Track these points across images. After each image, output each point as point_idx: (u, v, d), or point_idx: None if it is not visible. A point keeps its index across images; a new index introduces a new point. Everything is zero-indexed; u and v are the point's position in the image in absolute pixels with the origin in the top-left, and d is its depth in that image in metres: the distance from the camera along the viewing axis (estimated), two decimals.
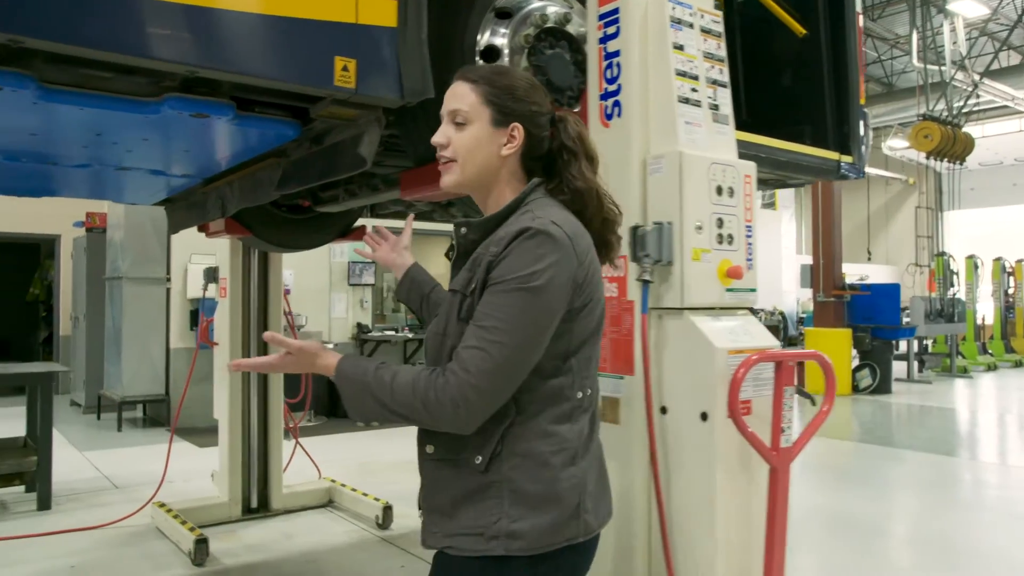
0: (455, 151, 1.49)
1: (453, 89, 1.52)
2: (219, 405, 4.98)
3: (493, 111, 1.48)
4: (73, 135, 2.46)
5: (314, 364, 1.47)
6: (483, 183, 1.51)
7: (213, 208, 3.65)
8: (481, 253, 1.42)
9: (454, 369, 1.33)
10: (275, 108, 2.39)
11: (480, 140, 1.47)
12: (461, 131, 1.49)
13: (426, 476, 1.49)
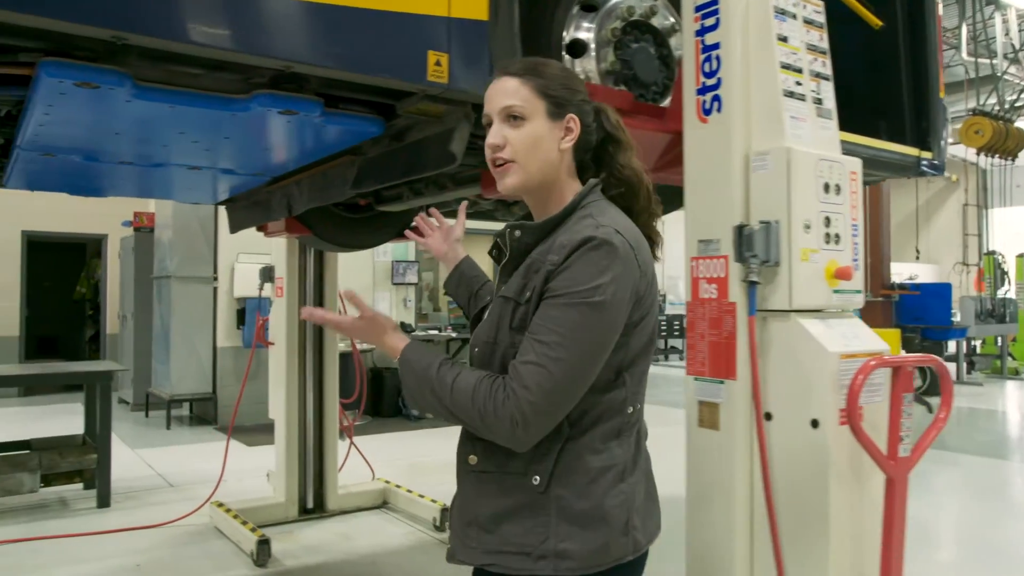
0: (514, 151, 1.40)
1: (498, 85, 1.43)
2: (275, 405, 4.98)
3: (548, 104, 1.40)
4: (156, 134, 2.44)
5: (381, 339, 1.43)
6: (546, 182, 1.43)
7: (278, 207, 3.63)
8: (537, 259, 1.35)
9: (513, 386, 1.28)
10: (359, 105, 2.35)
11: (540, 136, 1.39)
12: (518, 129, 1.40)
13: (466, 488, 1.43)
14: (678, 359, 17.23)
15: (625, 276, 1.30)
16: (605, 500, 1.33)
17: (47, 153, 2.71)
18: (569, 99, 1.41)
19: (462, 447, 1.44)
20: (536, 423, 1.27)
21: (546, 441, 1.32)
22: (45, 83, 1.88)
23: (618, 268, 1.29)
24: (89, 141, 2.54)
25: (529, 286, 1.34)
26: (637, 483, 1.41)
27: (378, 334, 1.43)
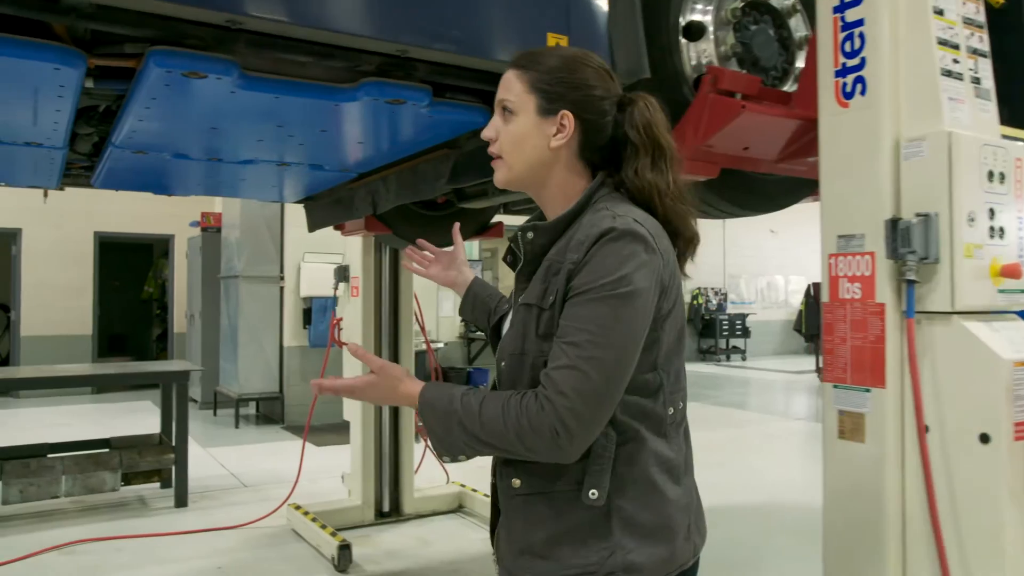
0: (501, 146, 1.34)
1: (504, 76, 1.36)
2: (350, 406, 4.91)
3: (539, 98, 1.30)
4: (253, 128, 2.35)
5: (395, 390, 1.31)
6: (535, 180, 1.35)
7: (362, 205, 3.54)
8: (555, 260, 1.26)
9: (547, 394, 1.17)
10: (464, 93, 2.23)
11: (525, 132, 1.31)
12: (508, 123, 1.33)
13: (513, 513, 1.31)
14: (740, 359, 16.84)
15: (651, 264, 1.21)
16: (667, 507, 1.27)
17: (139, 151, 2.66)
18: (563, 94, 1.30)
19: (503, 470, 1.33)
20: (580, 430, 1.17)
21: (596, 450, 1.22)
22: (152, 74, 1.80)
23: (642, 256, 1.20)
24: (184, 137, 2.47)
25: (551, 289, 1.24)
26: (692, 486, 1.37)
27: (392, 386, 1.31)
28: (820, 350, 11.97)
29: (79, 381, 5.06)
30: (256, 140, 2.52)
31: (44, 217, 10.45)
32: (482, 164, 2.65)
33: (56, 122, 2.26)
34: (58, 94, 1.96)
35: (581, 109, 1.30)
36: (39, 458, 4.82)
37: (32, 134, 2.42)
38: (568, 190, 1.33)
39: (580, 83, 1.31)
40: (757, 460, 6.90)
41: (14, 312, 10.59)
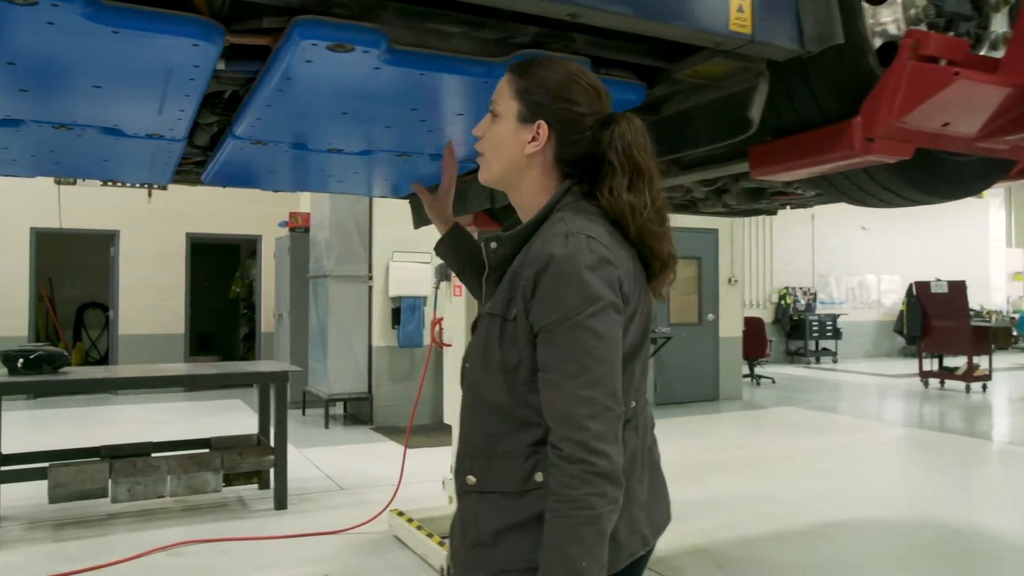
0: (483, 145, 1.44)
1: (500, 81, 1.44)
2: (452, 410, 4.75)
3: (522, 106, 1.37)
4: (386, 113, 2.18)
5: None
6: (509, 182, 1.42)
7: (477, 199, 3.36)
8: (516, 271, 1.31)
9: (563, 441, 1.20)
10: (620, 69, 2.00)
11: (503, 136, 1.39)
12: (493, 125, 1.42)
13: (467, 509, 1.38)
14: (830, 361, 16.15)
15: (605, 275, 1.25)
16: None
17: (259, 141, 2.53)
18: (544, 105, 1.35)
19: (459, 468, 1.38)
20: (610, 445, 1.21)
21: (532, 447, 1.29)
22: (293, 49, 1.63)
23: (594, 273, 1.23)
24: (310, 125, 2.31)
25: (514, 302, 1.29)
26: (639, 481, 1.38)
27: None
28: (923, 353, 11.35)
29: (184, 381, 5.08)
30: (384, 127, 2.35)
31: (140, 219, 10.72)
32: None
33: (182, 110, 2.13)
34: (190, 76, 1.82)
35: (559, 122, 1.36)
36: (144, 457, 4.82)
37: (155, 125, 2.31)
38: (539, 196, 1.38)
39: (564, 97, 1.36)
40: (872, 469, 6.48)
41: (112, 311, 10.88)
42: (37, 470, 4.59)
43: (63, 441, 6.38)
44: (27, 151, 2.69)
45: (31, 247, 10.33)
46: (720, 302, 10.56)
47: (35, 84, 1.89)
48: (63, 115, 2.20)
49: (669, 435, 8.02)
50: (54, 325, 11.97)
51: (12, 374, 4.65)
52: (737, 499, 5.37)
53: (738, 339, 10.76)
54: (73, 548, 4.30)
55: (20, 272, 10.23)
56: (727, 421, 9.11)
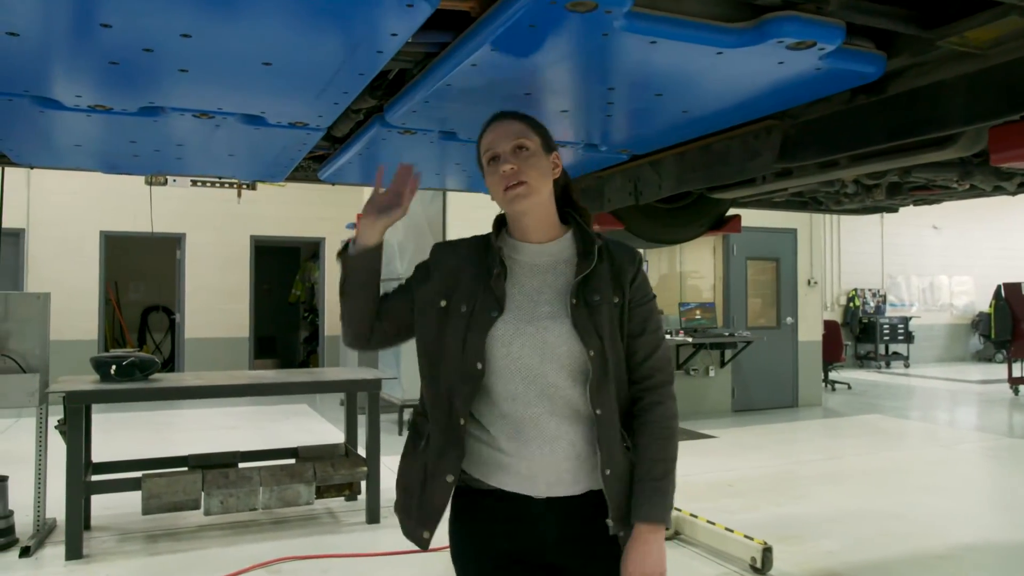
0: (527, 175, 1.59)
1: (510, 126, 1.64)
2: None
3: (541, 140, 1.65)
4: (581, 92, 1.92)
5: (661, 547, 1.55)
6: (545, 201, 1.66)
7: (618, 194, 3.09)
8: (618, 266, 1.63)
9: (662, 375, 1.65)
10: (859, 37, 1.71)
11: (545, 164, 1.64)
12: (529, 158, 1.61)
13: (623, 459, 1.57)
14: (902, 365, 15.54)
15: None
16: None
17: (408, 130, 2.28)
18: (550, 139, 1.65)
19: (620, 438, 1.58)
20: None
21: None
22: (519, 9, 1.37)
23: None
24: (481, 108, 2.05)
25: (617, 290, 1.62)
26: None
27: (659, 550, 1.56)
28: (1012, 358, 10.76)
29: (277, 389, 4.87)
30: (560, 111, 2.08)
31: (206, 222, 10.67)
32: (824, 137, 2.13)
33: (346, 92, 1.89)
34: (379, 48, 1.58)
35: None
36: (235, 468, 4.64)
37: (305, 111, 2.08)
38: (553, 208, 1.65)
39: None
40: (993, 484, 6.05)
41: (178, 315, 10.84)
42: (130, 480, 4.43)
43: (137, 446, 6.27)
44: (153, 145, 2.48)
45: (100, 251, 10.33)
46: (799, 305, 10.13)
47: (198, 63, 1.66)
48: (211, 101, 1.97)
49: (752, 445, 7.68)
50: (121, 328, 11.99)
51: (104, 380, 4.51)
52: (853, 516, 5.00)
53: (817, 343, 10.33)
54: (169, 563, 4.12)
55: (90, 276, 10.24)
56: (811, 429, 8.69)
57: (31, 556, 4.16)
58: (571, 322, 1.53)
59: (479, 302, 1.55)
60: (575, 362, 1.53)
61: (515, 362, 1.53)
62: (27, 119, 2.11)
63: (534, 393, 1.53)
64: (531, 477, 1.53)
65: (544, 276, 1.59)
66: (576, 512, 1.56)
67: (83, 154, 2.65)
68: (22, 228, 9.78)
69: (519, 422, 1.53)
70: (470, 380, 1.53)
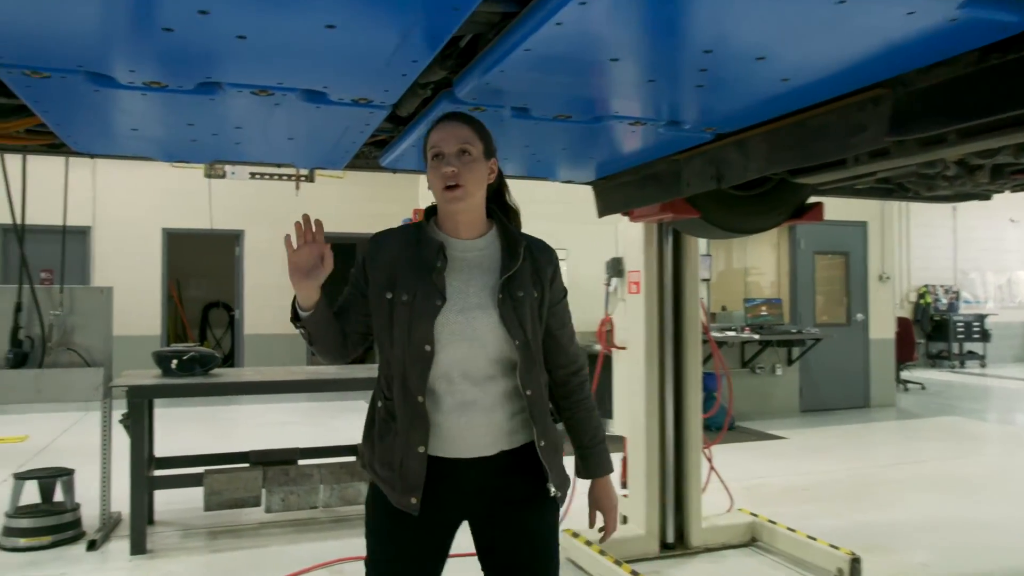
0: (464, 179, 1.72)
1: (459, 130, 1.75)
2: (624, 419, 4.29)
3: (484, 147, 1.78)
4: (677, 58, 1.73)
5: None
6: (477, 204, 1.79)
7: (697, 179, 2.88)
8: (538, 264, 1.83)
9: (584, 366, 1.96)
10: None
11: (482, 170, 1.77)
12: (469, 162, 1.74)
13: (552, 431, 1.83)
14: (977, 365, 14.83)
15: None
16: None
17: (478, 107, 2.12)
18: (491, 147, 1.78)
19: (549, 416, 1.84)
20: None
21: None
22: None
23: None
24: (554, 83, 1.88)
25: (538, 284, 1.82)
26: None
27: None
28: None
29: (338, 386, 4.78)
30: (647, 81, 1.89)
31: (263, 218, 10.73)
32: (943, 107, 1.90)
33: (414, 61, 1.74)
34: (455, 5, 1.41)
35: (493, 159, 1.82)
36: (295, 465, 4.56)
37: (369, 86, 1.94)
38: (483, 210, 1.80)
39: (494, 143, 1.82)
40: None
41: (237, 311, 10.94)
42: (192, 476, 4.39)
43: (197, 441, 6.28)
44: (211, 128, 2.38)
45: (162, 248, 10.48)
46: (870, 301, 9.70)
47: (256, 27, 1.53)
48: (271, 74, 1.84)
49: (825, 447, 7.32)
50: (183, 324, 12.18)
51: (166, 375, 4.48)
52: (943, 525, 4.68)
53: (890, 341, 9.87)
54: (231, 560, 4.06)
55: (153, 273, 10.39)
56: (886, 431, 8.29)
57: (97, 550, 4.15)
58: (498, 314, 1.71)
59: (420, 291, 1.70)
60: (502, 350, 1.72)
61: (447, 348, 1.69)
62: (82, 100, 2.02)
63: (458, 373, 1.70)
64: (451, 440, 1.71)
65: (471, 270, 1.75)
66: (498, 468, 1.75)
67: (141, 140, 2.56)
68: (88, 226, 9.97)
69: (443, 397, 1.71)
70: (421, 361, 1.68)
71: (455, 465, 1.72)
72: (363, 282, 1.79)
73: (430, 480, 1.71)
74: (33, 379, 4.25)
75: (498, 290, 1.72)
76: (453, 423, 1.71)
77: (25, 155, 3.57)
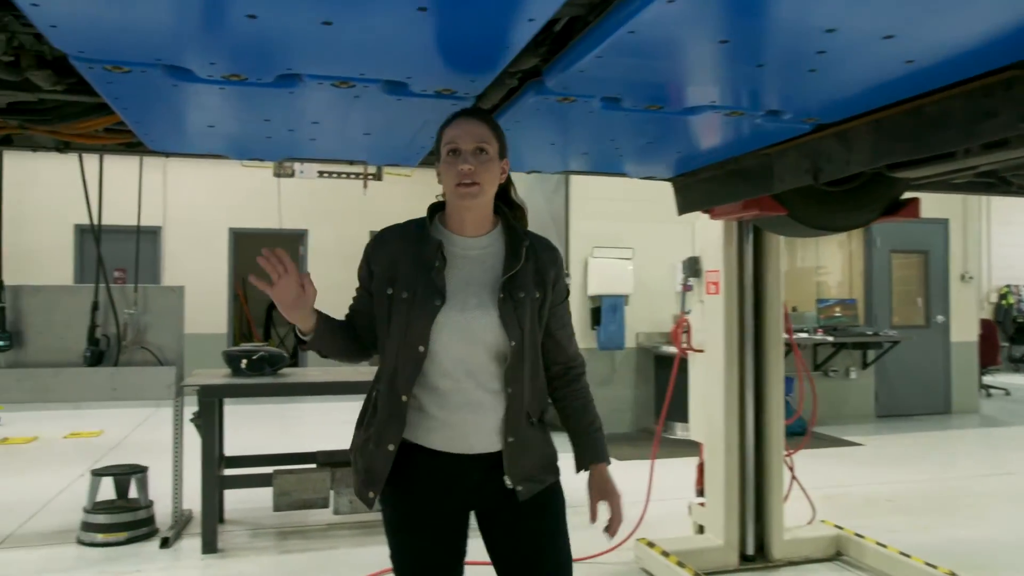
0: (481, 177, 1.73)
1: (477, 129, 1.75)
2: (702, 424, 4.11)
3: (499, 147, 1.79)
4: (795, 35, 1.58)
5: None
6: (488, 202, 1.79)
7: (792, 174, 2.70)
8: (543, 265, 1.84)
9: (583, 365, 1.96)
10: None
11: (496, 170, 1.77)
12: (485, 161, 1.74)
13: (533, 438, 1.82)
14: None
15: None
16: None
17: (567, 98, 2.00)
18: (505, 147, 1.77)
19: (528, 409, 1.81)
20: None
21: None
22: None
23: None
24: (651, 69, 1.75)
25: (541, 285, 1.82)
26: None
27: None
28: None
29: None
30: (755, 66, 1.74)
31: (327, 217, 10.82)
32: None
33: (508, 47, 1.62)
34: None
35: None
36: None
37: (458, 74, 1.83)
38: (491, 209, 1.80)
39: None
40: None
41: None
42: (261, 476, 4.38)
43: (263, 439, 6.31)
44: (287, 123, 2.31)
45: (229, 247, 10.64)
46: (951, 302, 9.25)
47: (343, 11, 1.43)
48: (353, 65, 1.75)
49: (905, 455, 6.97)
50: (248, 323, 12.37)
51: (235, 374, 4.48)
52: None
53: (973, 344, 9.40)
54: (300, 562, 4.03)
55: (220, 271, 10.56)
56: (971, 439, 7.89)
57: (170, 547, 4.17)
58: (498, 314, 1.71)
59: (420, 290, 1.70)
60: (498, 349, 1.73)
61: (447, 346, 1.70)
62: (160, 95, 1.97)
63: (462, 372, 1.72)
64: (457, 437, 1.73)
65: (472, 268, 1.75)
66: (494, 464, 1.75)
67: (216, 137, 2.52)
68: (159, 226, 10.19)
69: (448, 394, 1.73)
70: (412, 361, 1.70)
71: (459, 461, 1.74)
72: (368, 278, 1.82)
73: (436, 474, 1.74)
74: (109, 377, 4.29)
75: (499, 289, 1.72)
76: (460, 420, 1.73)
77: (102, 155, 3.60)
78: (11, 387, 4.21)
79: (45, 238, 9.80)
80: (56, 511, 4.85)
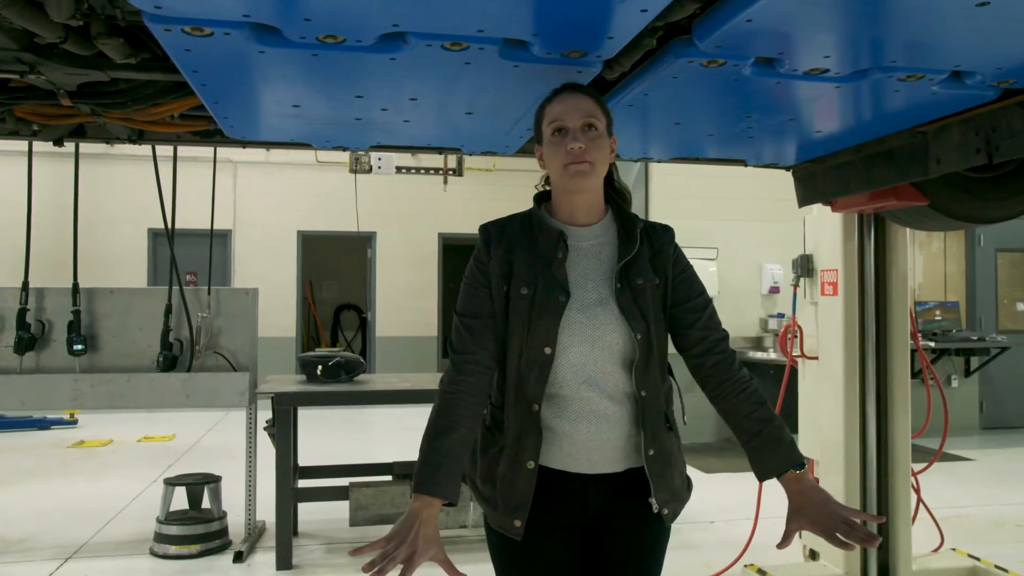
0: (592, 156, 1.57)
1: (583, 104, 1.59)
2: (811, 438, 3.73)
3: (607, 123, 1.63)
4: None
5: None
6: (600, 184, 1.66)
7: (955, 153, 2.32)
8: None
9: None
10: None
11: (606, 147, 1.61)
12: (596, 139, 1.59)
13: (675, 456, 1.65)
14: None
15: None
16: None
17: (715, 60, 1.68)
18: (611, 123, 1.62)
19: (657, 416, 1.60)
20: None
21: None
22: None
23: None
24: (822, 16, 1.42)
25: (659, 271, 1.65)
26: None
27: None
28: None
29: None
30: (978, 3, 1.40)
31: (395, 220, 10.66)
32: None
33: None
34: None
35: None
36: None
37: (592, 31, 1.54)
38: (601, 193, 1.66)
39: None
40: None
41: (369, 314, 10.91)
42: (338, 489, 4.16)
43: (335, 446, 6.13)
44: (382, 101, 2.05)
45: (298, 250, 10.58)
46: None
47: None
48: (471, 18, 1.47)
49: (1020, 472, 6.41)
50: (316, 326, 12.32)
51: (310, 380, 4.27)
52: None
53: None
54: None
55: (289, 274, 10.49)
56: None
57: (244, 562, 3.99)
58: (617, 306, 1.56)
59: (540, 285, 1.55)
60: (624, 346, 1.56)
61: (569, 348, 1.55)
62: (244, 65, 1.72)
63: (583, 377, 1.55)
64: (577, 455, 1.56)
65: (589, 260, 1.61)
66: (617, 488, 1.59)
67: (299, 120, 2.27)
68: (229, 229, 10.18)
69: (569, 403, 1.56)
70: (538, 365, 1.54)
71: (574, 480, 1.58)
72: (482, 276, 1.62)
73: (546, 495, 1.56)
74: (182, 384, 4.13)
75: (615, 279, 1.57)
76: (581, 435, 1.55)
77: (176, 147, 3.42)
78: (86, 392, 4.08)
79: (120, 242, 9.87)
80: (130, 518, 4.74)
